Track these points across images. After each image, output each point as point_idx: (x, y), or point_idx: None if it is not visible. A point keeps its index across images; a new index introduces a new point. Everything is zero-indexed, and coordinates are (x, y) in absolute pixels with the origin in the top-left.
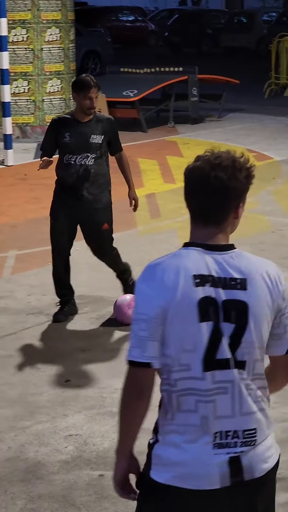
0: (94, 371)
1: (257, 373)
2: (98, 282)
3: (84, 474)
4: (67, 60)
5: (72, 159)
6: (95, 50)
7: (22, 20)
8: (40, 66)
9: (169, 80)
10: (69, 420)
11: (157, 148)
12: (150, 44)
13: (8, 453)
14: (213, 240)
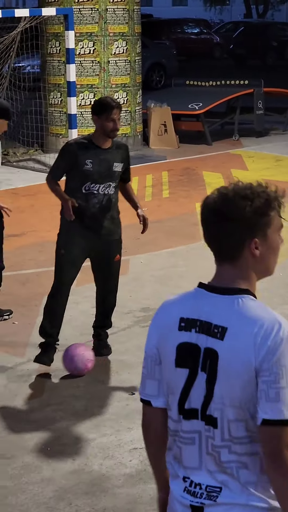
0: None
1: (236, 437)
2: (164, 295)
3: (148, 488)
4: (133, 73)
5: (94, 188)
6: (160, 62)
7: (89, 33)
8: (107, 78)
9: (234, 93)
10: (133, 433)
11: (222, 161)
12: (215, 56)
13: (73, 465)
14: (225, 280)
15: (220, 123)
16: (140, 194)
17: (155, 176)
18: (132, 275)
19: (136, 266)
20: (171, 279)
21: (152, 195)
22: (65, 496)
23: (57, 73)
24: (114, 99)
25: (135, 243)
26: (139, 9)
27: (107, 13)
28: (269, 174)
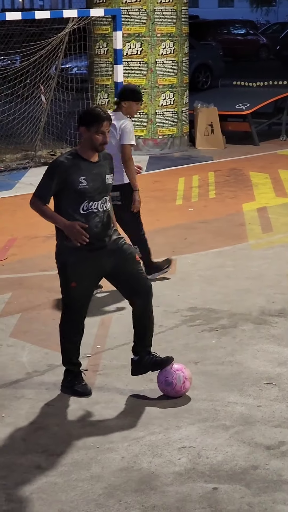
0: (207, 384)
1: None
2: (211, 295)
3: (197, 487)
4: (180, 73)
5: (93, 206)
6: (206, 63)
7: (136, 34)
8: (154, 79)
9: (281, 93)
10: (182, 432)
11: (269, 161)
12: (261, 57)
13: (122, 463)
14: None
15: (267, 124)
16: (186, 195)
17: (202, 177)
18: (180, 274)
19: (184, 266)
20: (218, 279)
21: (199, 196)
22: (115, 494)
23: (105, 74)
24: (104, 110)
25: (182, 243)
26: (187, 9)
27: (155, 13)
28: None
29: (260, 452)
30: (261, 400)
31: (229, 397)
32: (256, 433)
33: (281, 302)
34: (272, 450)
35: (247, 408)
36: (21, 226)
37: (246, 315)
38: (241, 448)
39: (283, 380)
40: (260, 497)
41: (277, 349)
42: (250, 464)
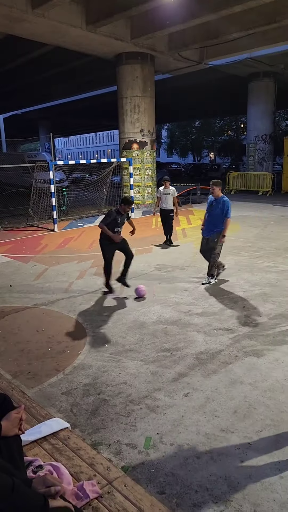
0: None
1: None
2: (165, 260)
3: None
4: (153, 181)
5: (118, 229)
6: (163, 178)
7: (137, 167)
8: (143, 183)
9: (189, 187)
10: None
11: (186, 212)
12: (182, 176)
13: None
14: None
15: (185, 199)
16: (157, 223)
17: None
18: (153, 252)
19: (156, 250)
20: (170, 254)
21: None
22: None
23: (126, 181)
24: (130, 198)
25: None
26: (155, 157)
27: (144, 159)
28: None
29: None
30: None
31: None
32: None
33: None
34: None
35: (180, 297)
36: (97, 236)
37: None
38: None
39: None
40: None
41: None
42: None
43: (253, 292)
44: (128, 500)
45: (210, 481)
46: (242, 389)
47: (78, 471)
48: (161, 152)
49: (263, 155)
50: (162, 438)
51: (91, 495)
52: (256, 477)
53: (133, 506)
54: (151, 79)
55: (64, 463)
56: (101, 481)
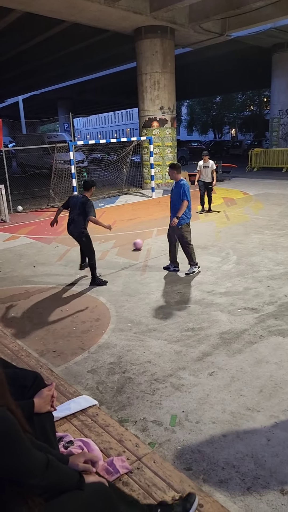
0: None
1: None
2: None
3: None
4: (173, 159)
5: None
6: (183, 155)
7: (157, 145)
8: (164, 162)
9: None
10: None
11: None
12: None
13: None
14: None
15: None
16: None
17: None
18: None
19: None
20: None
21: None
22: None
23: (146, 160)
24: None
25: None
26: (175, 135)
27: (164, 137)
28: None
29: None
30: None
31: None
32: None
33: (212, 241)
34: None
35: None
36: (118, 216)
37: (201, 246)
38: None
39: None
40: None
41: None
42: None
43: (277, 271)
44: (157, 476)
45: (236, 459)
46: (267, 368)
47: (108, 447)
48: (181, 129)
49: (287, 130)
50: (187, 416)
51: (121, 471)
52: (283, 456)
53: (163, 481)
54: (171, 53)
55: (94, 439)
56: (131, 457)
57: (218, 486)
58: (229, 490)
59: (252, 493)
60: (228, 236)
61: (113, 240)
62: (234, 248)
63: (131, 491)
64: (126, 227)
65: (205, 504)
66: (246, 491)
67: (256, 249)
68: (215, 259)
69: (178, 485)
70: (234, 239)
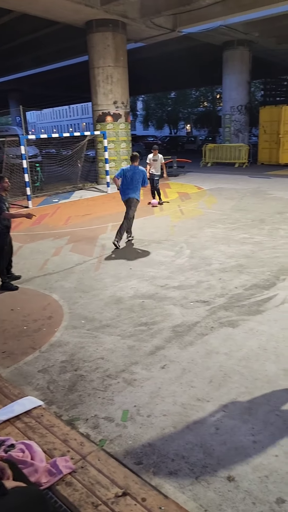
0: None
1: None
2: (143, 234)
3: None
4: (128, 154)
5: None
6: (138, 150)
7: (112, 140)
8: (119, 157)
9: (165, 161)
10: None
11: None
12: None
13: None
14: None
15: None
16: None
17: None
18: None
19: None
20: (146, 228)
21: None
22: None
23: (101, 155)
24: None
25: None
26: (129, 130)
27: (119, 132)
28: None
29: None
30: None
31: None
32: None
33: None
34: None
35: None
36: (72, 212)
37: (155, 240)
38: None
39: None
40: None
41: (163, 252)
42: None
43: (229, 264)
44: (101, 473)
45: (186, 449)
46: (217, 359)
47: (52, 448)
48: (136, 124)
49: (239, 126)
50: (139, 410)
51: (64, 471)
52: (231, 443)
53: (107, 478)
54: (123, 48)
55: (37, 440)
56: (75, 457)
57: (168, 478)
58: (178, 481)
59: (200, 482)
60: (182, 230)
61: (67, 236)
62: (187, 242)
63: (74, 491)
64: (80, 222)
65: (148, 498)
66: (194, 480)
67: (209, 243)
68: (169, 253)
69: (122, 481)
70: (188, 233)
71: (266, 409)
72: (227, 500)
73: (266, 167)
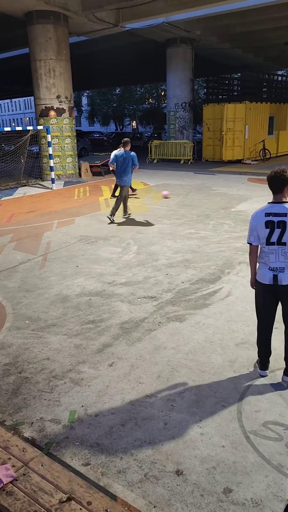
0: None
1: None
2: (89, 231)
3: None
4: (73, 150)
5: None
6: (84, 146)
7: (56, 135)
8: (63, 152)
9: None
10: None
11: (107, 182)
12: (105, 145)
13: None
14: (277, 199)
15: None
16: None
17: (84, 188)
18: (76, 223)
19: (80, 219)
20: (92, 226)
21: (83, 194)
22: None
23: (45, 150)
24: None
25: (76, 213)
26: (74, 125)
27: (63, 127)
28: None
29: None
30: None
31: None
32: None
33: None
34: None
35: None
36: (16, 209)
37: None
38: None
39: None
40: None
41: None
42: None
43: (175, 259)
44: (45, 479)
45: (134, 447)
46: (165, 354)
47: None
48: (82, 120)
49: (183, 123)
50: (87, 410)
51: (4, 480)
52: (179, 437)
53: (50, 484)
54: (66, 41)
55: None
56: (16, 464)
57: (116, 477)
58: (127, 479)
59: (149, 478)
60: (129, 226)
61: (10, 234)
62: (134, 238)
63: (15, 500)
64: (24, 220)
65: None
66: (143, 477)
67: (155, 239)
68: (116, 249)
69: (66, 485)
70: (134, 229)
71: (213, 401)
72: (176, 495)
73: (210, 163)
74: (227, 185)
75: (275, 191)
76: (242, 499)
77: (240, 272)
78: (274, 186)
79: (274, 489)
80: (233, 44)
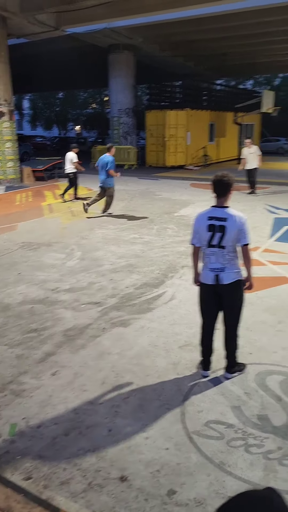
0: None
1: (230, 251)
2: (37, 235)
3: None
4: (15, 155)
5: None
6: (27, 151)
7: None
8: (4, 157)
9: (54, 161)
10: None
11: (48, 187)
12: (48, 150)
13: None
14: (220, 203)
15: (50, 174)
16: (21, 200)
17: (26, 194)
18: (26, 225)
19: (28, 222)
20: (37, 229)
21: (26, 199)
22: None
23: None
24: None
25: (22, 216)
26: (15, 129)
27: (2, 131)
28: None
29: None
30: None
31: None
32: None
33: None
34: None
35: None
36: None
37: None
38: None
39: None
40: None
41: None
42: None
43: (119, 264)
44: None
45: (78, 456)
46: (110, 359)
47: None
48: (24, 124)
49: (127, 129)
50: (28, 422)
51: None
52: (123, 443)
53: None
54: (4, 42)
55: None
56: None
57: (60, 489)
58: (70, 490)
59: (93, 487)
60: (73, 232)
61: None
62: (78, 244)
63: None
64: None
65: None
66: (87, 486)
67: (99, 244)
68: (59, 255)
69: (3, 503)
70: (79, 235)
71: (156, 404)
72: (120, 501)
73: (154, 169)
74: (170, 190)
75: (219, 195)
76: (185, 500)
77: (183, 276)
78: (219, 190)
79: (216, 487)
80: (175, 52)
